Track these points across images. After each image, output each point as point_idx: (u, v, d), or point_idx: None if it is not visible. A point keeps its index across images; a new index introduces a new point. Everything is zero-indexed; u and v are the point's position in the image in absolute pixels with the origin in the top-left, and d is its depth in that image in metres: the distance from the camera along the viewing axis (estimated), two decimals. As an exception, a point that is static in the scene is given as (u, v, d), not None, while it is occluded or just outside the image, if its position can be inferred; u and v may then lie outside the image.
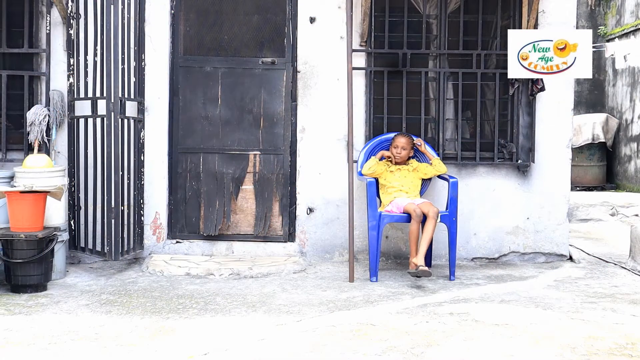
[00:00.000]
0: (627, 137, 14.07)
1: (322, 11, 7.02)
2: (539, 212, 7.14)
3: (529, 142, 7.13)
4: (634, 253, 6.91)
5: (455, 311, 5.21)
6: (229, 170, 7.11)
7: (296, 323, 4.89)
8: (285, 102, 7.11)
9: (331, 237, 7.07)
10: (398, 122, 7.11)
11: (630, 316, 5.12)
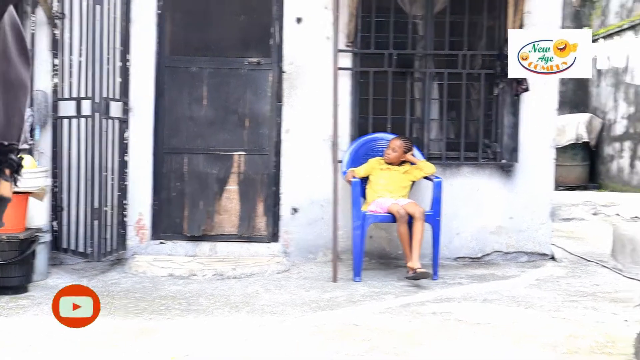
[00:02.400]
0: (611, 137, 14.17)
1: (309, 12, 7.03)
2: (522, 211, 7.18)
3: (513, 142, 7.17)
4: (616, 252, 6.97)
5: (438, 310, 5.23)
6: (213, 170, 7.12)
7: (279, 323, 4.90)
8: (270, 102, 7.12)
9: (315, 237, 7.08)
10: (383, 123, 7.14)
11: (611, 314, 5.16)
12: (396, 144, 6.61)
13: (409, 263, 6.13)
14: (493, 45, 7.23)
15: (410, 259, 6.15)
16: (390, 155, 6.61)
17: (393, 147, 6.62)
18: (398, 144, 6.61)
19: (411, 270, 6.08)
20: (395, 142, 6.63)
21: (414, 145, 6.78)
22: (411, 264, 6.09)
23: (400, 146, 6.60)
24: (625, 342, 4.41)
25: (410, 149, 6.66)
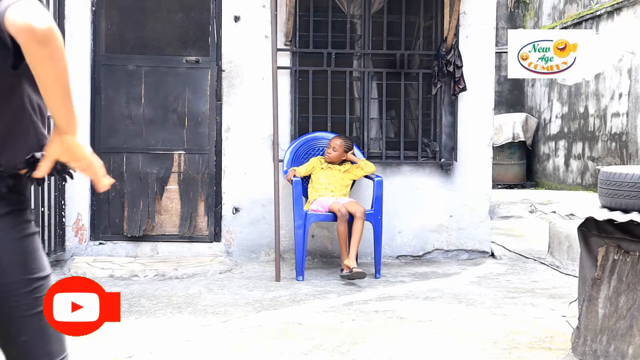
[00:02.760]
0: (546, 136, 14.46)
1: (247, 10, 7.00)
2: (461, 210, 7.27)
3: (452, 141, 7.25)
4: (552, 249, 7.09)
5: (381, 309, 5.26)
6: (153, 170, 7.02)
7: (222, 323, 4.86)
8: (209, 101, 7.06)
9: (257, 236, 7.05)
10: (323, 122, 7.14)
11: (549, 310, 5.25)
12: (336, 143, 6.62)
13: (345, 261, 6.13)
14: (430, 45, 7.30)
15: (347, 257, 6.14)
16: (331, 154, 6.62)
17: (333, 146, 6.62)
18: (338, 143, 6.62)
19: (347, 268, 6.08)
20: (335, 141, 6.63)
21: (354, 144, 6.80)
22: (347, 262, 6.10)
23: (341, 145, 6.61)
24: (563, 337, 4.50)
25: (350, 147, 6.67)
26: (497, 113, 13.68)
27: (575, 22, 12.90)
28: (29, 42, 1.85)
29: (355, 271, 6.01)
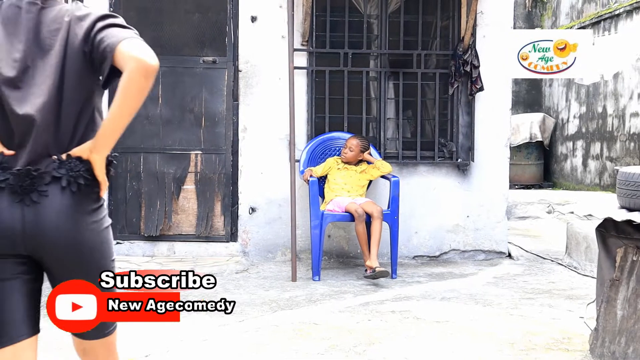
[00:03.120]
0: (564, 136, 14.38)
1: (264, 10, 7.01)
2: (478, 210, 7.24)
3: (469, 141, 7.22)
4: (570, 250, 7.06)
5: (397, 309, 5.25)
6: (170, 170, 7.05)
7: (239, 323, 4.87)
8: (226, 101, 7.07)
9: (274, 236, 7.05)
10: (340, 122, 7.14)
11: (567, 311, 5.23)
12: (353, 143, 6.61)
13: (368, 262, 6.13)
14: (447, 45, 7.27)
15: (368, 257, 6.16)
16: (347, 155, 6.61)
17: (350, 146, 6.62)
18: (355, 143, 6.61)
19: (370, 269, 6.09)
20: (352, 141, 6.63)
21: (370, 145, 6.79)
22: (370, 262, 6.10)
23: (357, 145, 6.61)
24: (580, 338, 4.47)
25: (367, 148, 6.66)
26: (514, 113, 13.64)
27: (593, 22, 12.83)
28: (138, 74, 2.16)
29: (378, 270, 6.00)
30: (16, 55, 2.26)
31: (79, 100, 2.32)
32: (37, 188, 2.21)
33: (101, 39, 2.24)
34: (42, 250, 2.27)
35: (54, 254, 2.27)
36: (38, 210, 2.22)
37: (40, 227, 2.22)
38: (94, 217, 2.34)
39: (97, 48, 2.24)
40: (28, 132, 2.25)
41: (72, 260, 2.30)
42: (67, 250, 2.27)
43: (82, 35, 2.27)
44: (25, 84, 2.25)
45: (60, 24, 2.29)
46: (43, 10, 2.30)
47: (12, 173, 2.21)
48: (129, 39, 2.22)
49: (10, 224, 2.21)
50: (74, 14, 2.31)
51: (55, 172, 2.24)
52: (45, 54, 2.27)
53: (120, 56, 2.19)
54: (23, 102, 2.24)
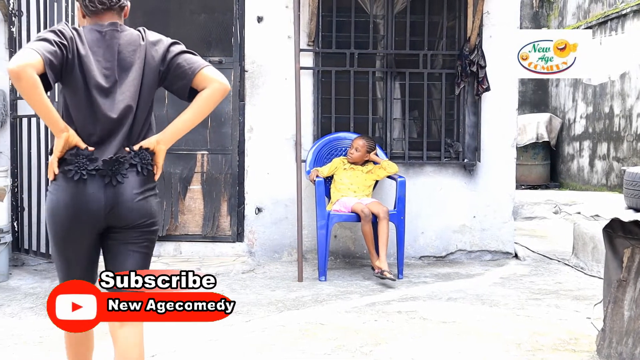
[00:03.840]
0: (570, 137, 14.35)
1: (270, 11, 7.01)
2: (485, 210, 7.23)
3: (475, 141, 7.22)
4: (577, 250, 7.04)
5: (404, 309, 5.24)
6: (176, 170, 7.05)
7: (245, 323, 4.87)
8: (233, 101, 7.08)
9: (280, 236, 7.06)
10: (346, 122, 7.14)
11: (574, 312, 5.22)
12: (359, 144, 6.61)
13: (377, 262, 6.13)
14: (454, 45, 7.27)
15: (377, 258, 6.16)
16: (353, 155, 6.61)
17: (356, 146, 6.61)
18: (361, 143, 6.61)
19: (378, 269, 6.09)
20: (358, 142, 6.63)
21: (377, 145, 6.78)
22: (379, 263, 6.10)
23: (364, 145, 6.60)
24: (587, 339, 4.47)
25: (373, 148, 6.66)
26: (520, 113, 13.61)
27: (600, 22, 12.80)
28: (220, 92, 2.99)
29: (386, 275, 6.00)
30: (105, 71, 2.89)
31: (147, 107, 3.01)
32: (121, 172, 2.87)
33: (179, 63, 2.99)
34: (116, 219, 2.91)
35: (128, 219, 2.93)
36: (118, 189, 2.88)
37: (119, 201, 2.88)
38: (153, 191, 3.05)
39: (175, 69, 2.99)
40: (113, 131, 2.89)
41: (139, 221, 2.96)
42: (139, 214, 2.95)
43: (158, 58, 2.97)
44: (113, 93, 2.89)
45: (136, 46, 2.94)
46: (121, 34, 2.94)
47: (104, 161, 2.84)
48: (209, 66, 3.00)
49: (98, 203, 2.86)
50: (148, 39, 2.99)
51: (132, 160, 2.90)
52: (126, 69, 2.92)
53: (202, 78, 2.97)
54: (112, 108, 2.88)
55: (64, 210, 2.87)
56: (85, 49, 2.86)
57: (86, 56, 2.86)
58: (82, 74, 2.85)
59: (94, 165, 2.84)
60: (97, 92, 2.86)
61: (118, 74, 2.90)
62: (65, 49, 2.80)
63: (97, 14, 2.98)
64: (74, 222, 2.89)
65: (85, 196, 2.85)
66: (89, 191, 2.85)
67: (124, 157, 2.89)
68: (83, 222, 2.89)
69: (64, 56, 2.80)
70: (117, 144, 2.90)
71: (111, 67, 2.89)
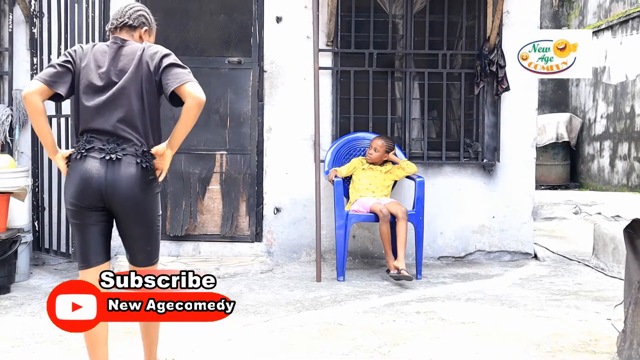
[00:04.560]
0: (591, 137, 14.26)
1: (289, 11, 7.02)
2: (504, 210, 7.20)
3: (494, 141, 7.19)
4: (597, 251, 6.99)
5: (422, 310, 5.23)
6: (195, 170, 7.08)
7: (264, 323, 4.88)
8: (251, 101, 7.09)
9: (298, 236, 7.07)
10: (365, 122, 7.13)
11: (594, 313, 5.18)
12: (378, 144, 6.60)
13: (395, 262, 6.12)
14: (473, 45, 7.24)
15: (396, 258, 6.15)
16: (372, 155, 6.61)
17: (375, 146, 6.61)
18: (380, 143, 6.60)
19: (395, 269, 6.08)
20: (377, 142, 6.62)
21: (395, 145, 6.78)
22: (397, 263, 6.09)
23: (382, 146, 6.60)
24: (608, 340, 4.44)
25: (392, 148, 6.65)
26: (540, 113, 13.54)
27: (622, 21, 12.70)
28: (193, 109, 3.44)
29: (403, 273, 5.99)
30: (102, 73, 3.50)
31: (155, 106, 3.57)
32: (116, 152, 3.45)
33: (167, 76, 3.49)
34: (115, 203, 3.45)
35: (123, 205, 3.47)
36: (115, 172, 3.42)
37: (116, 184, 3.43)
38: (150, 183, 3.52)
39: (164, 80, 3.49)
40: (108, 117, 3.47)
41: (134, 209, 3.49)
42: (133, 200, 3.47)
43: (153, 68, 3.51)
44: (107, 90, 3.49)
45: (134, 55, 3.53)
46: (124, 47, 3.58)
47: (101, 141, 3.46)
48: (189, 82, 3.46)
49: (97, 185, 3.42)
50: (146, 51, 3.55)
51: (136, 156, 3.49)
52: (123, 72, 3.50)
53: (182, 93, 3.44)
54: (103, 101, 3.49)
55: None
56: (88, 59, 3.54)
57: (87, 64, 3.53)
58: (81, 77, 3.52)
59: (90, 145, 3.48)
60: (91, 89, 3.50)
61: (115, 76, 3.52)
62: (72, 64, 3.52)
63: (113, 32, 3.69)
64: None
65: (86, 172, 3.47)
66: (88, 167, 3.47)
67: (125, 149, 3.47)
68: None
69: (72, 71, 3.52)
70: (114, 124, 3.47)
71: (107, 72, 3.52)
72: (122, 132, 3.47)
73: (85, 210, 3.47)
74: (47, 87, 3.44)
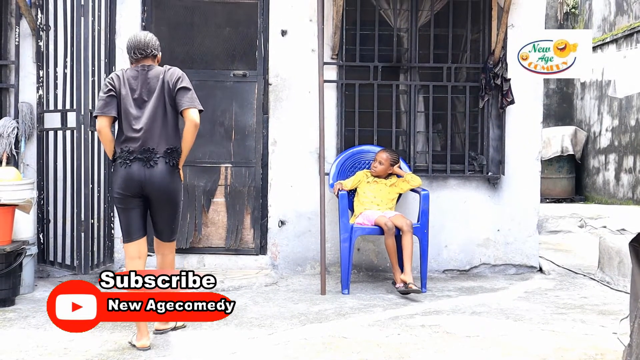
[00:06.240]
0: (596, 150, 14.25)
1: (294, 24, 7.04)
2: (509, 224, 7.19)
3: (499, 154, 7.18)
4: (603, 264, 6.97)
5: (427, 323, 5.22)
6: (200, 182, 7.08)
7: (268, 336, 4.87)
8: (256, 114, 7.11)
9: (303, 249, 7.06)
10: (369, 135, 7.14)
11: (599, 327, 5.16)
12: (383, 157, 6.61)
13: (402, 276, 6.11)
14: (478, 58, 7.25)
15: (400, 272, 6.15)
16: (377, 168, 6.61)
17: (380, 159, 6.61)
18: (385, 156, 6.61)
19: (403, 283, 6.07)
20: (381, 155, 6.62)
21: (400, 158, 6.78)
22: (404, 277, 6.08)
23: (387, 159, 6.60)
24: (614, 354, 4.42)
25: (397, 161, 6.66)
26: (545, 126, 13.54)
27: (626, 34, 12.72)
28: (193, 127, 4.60)
29: (410, 287, 5.99)
30: (137, 96, 4.65)
31: (171, 115, 4.67)
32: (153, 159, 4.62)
33: (180, 97, 4.63)
34: (151, 190, 4.63)
35: (157, 192, 4.64)
36: (152, 171, 4.59)
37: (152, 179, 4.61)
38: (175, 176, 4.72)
39: (177, 99, 4.63)
40: (147, 132, 4.63)
41: (165, 194, 4.66)
42: (165, 190, 4.65)
43: (172, 86, 4.64)
44: (143, 109, 4.66)
45: (158, 77, 4.67)
46: (149, 71, 4.70)
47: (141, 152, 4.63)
48: (190, 108, 4.60)
49: (138, 179, 4.60)
50: (167, 73, 4.69)
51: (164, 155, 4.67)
52: (152, 92, 4.65)
53: (186, 115, 4.59)
54: (140, 120, 4.64)
55: None
56: (125, 88, 4.67)
57: (125, 91, 4.66)
58: (122, 102, 4.66)
59: (133, 156, 4.62)
60: (129, 108, 4.66)
61: (146, 96, 4.65)
62: (114, 91, 4.67)
63: (139, 60, 4.76)
64: None
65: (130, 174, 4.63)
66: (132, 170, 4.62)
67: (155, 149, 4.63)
68: None
69: (115, 96, 4.67)
70: (152, 138, 4.62)
71: (140, 93, 4.65)
72: (155, 140, 4.60)
73: (129, 198, 4.65)
74: (107, 116, 4.65)
